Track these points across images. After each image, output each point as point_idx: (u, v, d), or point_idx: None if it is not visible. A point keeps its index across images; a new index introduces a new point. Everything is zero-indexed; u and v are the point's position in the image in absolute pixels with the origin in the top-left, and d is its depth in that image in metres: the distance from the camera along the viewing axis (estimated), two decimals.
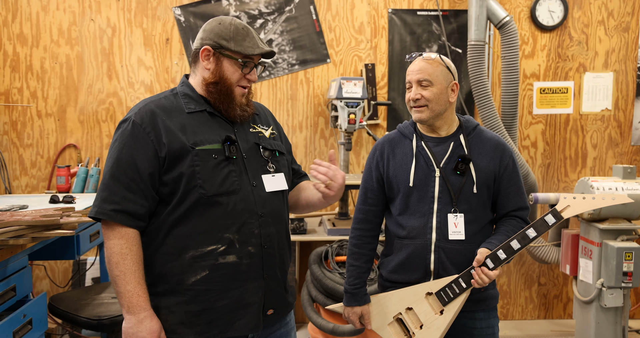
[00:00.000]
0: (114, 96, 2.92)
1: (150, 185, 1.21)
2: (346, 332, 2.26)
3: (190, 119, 1.26)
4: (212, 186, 1.22)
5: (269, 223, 1.28)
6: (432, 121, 1.51)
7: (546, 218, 1.41)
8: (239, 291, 1.25)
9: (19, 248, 1.60)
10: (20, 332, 1.56)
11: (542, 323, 3.12)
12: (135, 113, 1.25)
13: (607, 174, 3.11)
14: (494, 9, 2.76)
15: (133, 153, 1.21)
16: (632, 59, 3.08)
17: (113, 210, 1.19)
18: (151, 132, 1.22)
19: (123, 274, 1.19)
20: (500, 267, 1.43)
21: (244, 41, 1.26)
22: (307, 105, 3.01)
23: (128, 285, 1.19)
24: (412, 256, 1.50)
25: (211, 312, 1.24)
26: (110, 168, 1.22)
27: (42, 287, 2.95)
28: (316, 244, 2.87)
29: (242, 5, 2.94)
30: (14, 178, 2.91)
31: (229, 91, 1.28)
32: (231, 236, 1.23)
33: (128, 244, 1.20)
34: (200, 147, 1.23)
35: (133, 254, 1.20)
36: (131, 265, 1.19)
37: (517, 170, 1.54)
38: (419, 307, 1.48)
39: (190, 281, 1.22)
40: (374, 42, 3.00)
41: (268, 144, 1.35)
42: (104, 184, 1.22)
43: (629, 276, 2.29)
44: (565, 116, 3.10)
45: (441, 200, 1.48)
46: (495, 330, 1.55)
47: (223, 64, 1.27)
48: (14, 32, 2.85)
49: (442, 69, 1.48)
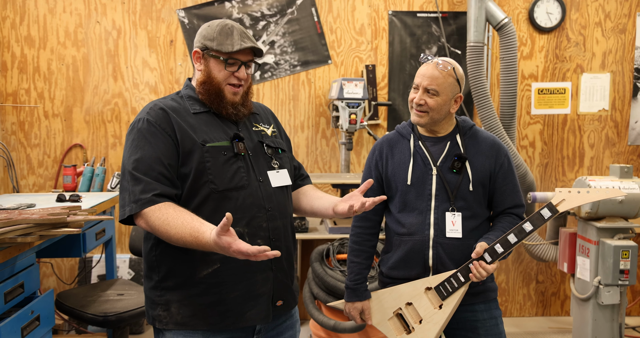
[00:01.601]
0: (119, 96, 2.97)
1: (176, 175, 1.24)
2: (347, 329, 2.29)
3: (197, 119, 1.31)
4: (223, 181, 1.25)
5: (275, 216, 1.31)
6: (429, 126, 1.55)
7: (542, 211, 1.44)
8: (249, 282, 1.28)
9: (26, 245, 1.62)
10: (28, 328, 1.58)
11: (540, 320, 3.15)
12: (147, 112, 1.28)
13: (604, 173, 3.14)
14: (493, 10, 2.80)
15: (155, 148, 1.23)
16: (628, 60, 3.11)
17: (155, 195, 1.19)
18: (167, 128, 1.26)
19: (182, 227, 1.13)
20: (498, 261, 1.45)
21: (226, 40, 1.29)
22: (308, 105, 3.06)
23: (199, 233, 1.11)
24: (411, 253, 1.53)
25: (223, 303, 1.27)
26: (134, 167, 1.22)
27: (49, 284, 3.00)
28: (318, 242, 2.90)
29: (244, 7, 2.98)
30: (22, 177, 2.96)
31: (218, 90, 1.30)
32: (241, 230, 1.26)
33: (173, 207, 1.18)
34: (210, 144, 1.26)
35: (181, 211, 1.17)
36: (186, 216, 1.15)
37: (512, 168, 1.57)
38: (419, 301, 1.50)
39: (202, 275, 1.25)
40: (374, 43, 3.04)
41: (271, 142, 1.39)
42: (134, 180, 1.21)
43: (625, 274, 2.32)
44: (563, 116, 3.13)
45: (438, 197, 1.52)
46: (498, 321, 1.56)
47: (210, 64, 1.31)
48: (22, 34, 2.90)
49: (452, 81, 1.51)
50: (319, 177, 2.76)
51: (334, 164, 3.09)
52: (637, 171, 3.16)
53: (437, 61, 1.51)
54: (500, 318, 1.58)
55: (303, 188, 1.51)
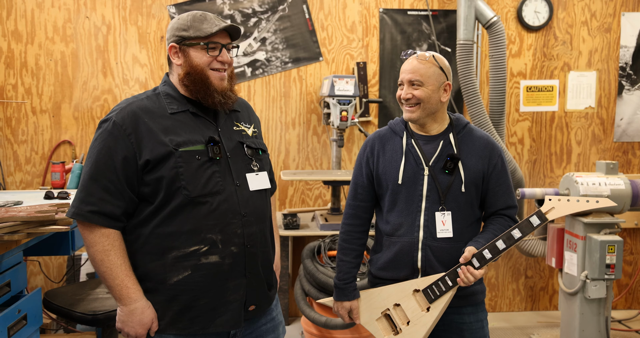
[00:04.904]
0: (109, 92, 2.94)
1: (127, 187, 1.21)
2: (338, 325, 2.29)
3: (172, 120, 1.26)
4: (196, 187, 1.22)
5: (251, 222, 1.29)
6: (423, 120, 1.50)
7: (531, 219, 1.42)
8: (220, 289, 1.26)
9: (13, 243, 1.59)
10: (15, 328, 1.55)
11: (529, 314, 3.19)
12: (117, 113, 1.24)
13: (590, 169, 3.20)
14: (482, 9, 2.83)
15: (112, 154, 1.20)
16: (613, 59, 3.17)
17: (90, 211, 1.19)
18: (132, 134, 1.21)
19: (109, 269, 1.20)
20: (486, 266, 1.43)
21: (202, 25, 1.26)
22: (299, 102, 3.06)
23: (116, 279, 1.20)
24: (399, 254, 1.50)
25: (192, 310, 1.25)
26: (89, 169, 1.21)
27: (36, 283, 2.96)
28: (309, 239, 2.91)
29: (236, 4, 2.97)
30: (8, 174, 2.92)
31: (203, 77, 1.26)
32: (214, 237, 1.24)
33: (109, 241, 1.20)
34: (184, 148, 1.22)
35: (116, 249, 1.21)
36: (116, 260, 1.20)
37: (505, 169, 1.53)
38: (406, 303, 1.49)
39: (172, 281, 1.23)
40: (365, 40, 3.05)
41: (251, 143, 1.35)
42: (82, 185, 1.22)
43: (611, 268, 2.35)
44: (551, 114, 3.18)
45: (429, 199, 1.48)
46: (484, 324, 1.56)
47: (190, 54, 1.26)
48: (9, 28, 2.86)
49: (435, 69, 1.47)
50: (310, 174, 2.77)
51: (325, 161, 3.10)
52: (623, 168, 3.22)
53: (416, 54, 1.49)
54: (485, 320, 1.57)
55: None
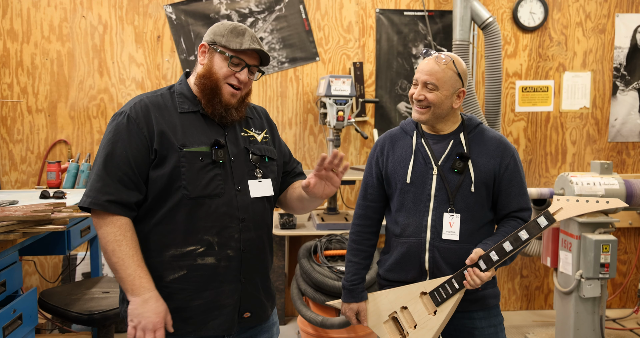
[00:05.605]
0: (105, 92, 2.94)
1: (141, 178, 1.24)
2: (335, 325, 2.30)
3: (182, 119, 1.28)
4: (196, 188, 1.23)
5: (249, 228, 1.29)
6: (431, 122, 1.48)
7: (538, 220, 1.37)
8: (215, 292, 1.26)
9: (9, 243, 1.59)
10: (10, 327, 1.54)
11: (524, 313, 3.21)
12: (131, 107, 1.26)
13: (585, 169, 3.22)
14: (478, 10, 2.85)
15: (126, 147, 1.22)
16: (608, 60, 3.20)
17: (107, 201, 1.20)
18: (144, 127, 1.24)
19: (121, 260, 1.20)
20: (494, 269, 1.38)
21: (236, 38, 1.28)
22: (296, 102, 3.07)
23: (128, 269, 1.20)
24: (407, 255, 1.48)
25: (186, 310, 1.26)
26: (103, 160, 1.23)
27: (31, 283, 2.95)
28: (305, 238, 2.91)
29: (233, 3, 2.98)
30: (4, 174, 2.90)
31: (215, 86, 1.28)
32: (210, 239, 1.25)
33: (121, 231, 1.21)
34: (188, 148, 1.24)
35: (128, 240, 1.21)
36: (128, 250, 1.20)
37: (519, 170, 1.49)
38: (414, 306, 1.46)
39: (168, 279, 1.24)
40: (362, 41, 3.06)
41: (257, 150, 1.35)
42: (98, 175, 1.22)
43: (606, 267, 2.36)
44: (546, 114, 3.20)
45: (437, 198, 1.45)
46: (498, 329, 1.49)
47: (214, 58, 1.29)
48: (5, 27, 2.85)
49: (452, 75, 1.44)
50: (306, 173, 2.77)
51: None
52: (617, 167, 3.24)
53: (437, 55, 1.45)
54: (501, 325, 1.51)
55: (292, 185, 1.47)
